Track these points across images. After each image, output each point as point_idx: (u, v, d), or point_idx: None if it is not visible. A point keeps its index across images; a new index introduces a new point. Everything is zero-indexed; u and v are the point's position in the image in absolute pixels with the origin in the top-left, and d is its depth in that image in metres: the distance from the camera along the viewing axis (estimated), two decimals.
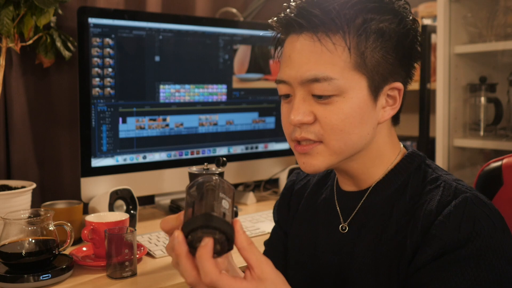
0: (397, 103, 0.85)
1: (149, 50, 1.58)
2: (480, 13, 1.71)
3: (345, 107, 0.80)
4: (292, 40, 0.84)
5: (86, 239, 1.20)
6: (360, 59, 0.79)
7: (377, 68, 0.80)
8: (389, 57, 0.81)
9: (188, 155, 1.70)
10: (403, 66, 0.84)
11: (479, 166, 1.77)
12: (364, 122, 0.82)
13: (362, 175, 0.89)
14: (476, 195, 0.80)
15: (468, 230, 0.75)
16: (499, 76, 1.78)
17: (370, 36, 0.79)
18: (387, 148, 0.88)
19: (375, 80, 0.81)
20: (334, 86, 0.79)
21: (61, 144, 1.68)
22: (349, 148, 0.83)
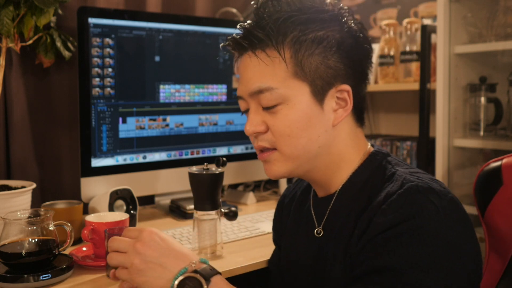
0: (348, 104, 0.87)
1: (149, 50, 1.58)
2: (480, 13, 1.71)
3: (290, 114, 0.86)
4: (241, 60, 0.92)
5: (86, 239, 1.20)
6: (298, 67, 0.85)
7: (317, 73, 0.85)
8: (329, 61, 0.85)
9: (188, 155, 1.70)
10: (351, 68, 0.87)
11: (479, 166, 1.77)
12: (312, 125, 0.86)
13: (329, 181, 0.92)
14: (424, 183, 0.80)
15: (405, 212, 0.76)
16: (499, 76, 1.78)
17: (305, 45, 0.84)
18: (349, 150, 0.91)
19: (317, 85, 0.85)
20: (277, 95, 0.85)
21: (61, 144, 1.68)
22: (302, 152, 0.87)
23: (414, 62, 1.87)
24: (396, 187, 0.81)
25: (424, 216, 0.75)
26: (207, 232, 1.25)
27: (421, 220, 0.75)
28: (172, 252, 0.81)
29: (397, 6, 2.14)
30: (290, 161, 0.88)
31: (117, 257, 0.83)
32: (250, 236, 1.42)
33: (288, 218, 1.07)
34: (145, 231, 0.83)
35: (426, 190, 0.78)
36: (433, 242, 0.74)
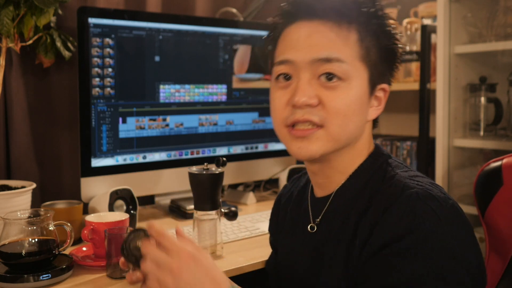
0: (382, 104, 0.88)
1: (149, 50, 1.58)
2: (480, 13, 1.71)
3: (350, 93, 0.83)
4: (300, 26, 0.85)
5: (86, 239, 1.20)
6: (366, 52, 0.84)
7: (376, 65, 0.85)
8: (382, 58, 0.86)
9: (188, 155, 1.70)
10: (391, 72, 0.89)
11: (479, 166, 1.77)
12: (362, 113, 0.85)
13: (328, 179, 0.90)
14: (424, 190, 0.78)
15: (407, 223, 0.75)
16: (499, 76, 1.78)
17: (374, 34, 0.84)
18: (365, 147, 0.91)
19: (374, 76, 0.85)
20: (343, 69, 0.82)
21: (61, 144, 1.68)
22: (346, 136, 0.85)
23: (414, 62, 1.87)
24: (396, 194, 0.79)
25: (427, 227, 0.74)
26: (207, 232, 1.25)
27: (424, 232, 0.74)
28: (206, 280, 0.77)
29: (397, 6, 2.14)
30: (332, 142, 0.84)
31: (153, 269, 0.77)
32: (250, 236, 1.42)
33: (285, 219, 1.05)
34: (184, 252, 0.77)
35: (426, 197, 0.76)
36: (439, 254, 0.73)
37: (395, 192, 0.79)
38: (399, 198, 0.78)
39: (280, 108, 0.87)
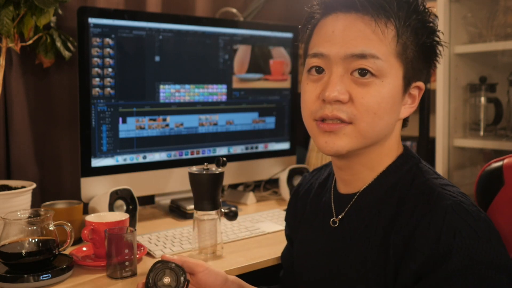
0: (415, 102, 0.87)
1: (149, 50, 1.58)
2: (480, 13, 1.71)
3: (383, 91, 0.81)
4: (336, 18, 0.84)
5: (86, 239, 1.20)
6: (403, 49, 0.82)
7: (413, 61, 0.84)
8: (420, 55, 0.84)
9: (188, 155, 1.70)
10: (428, 71, 0.88)
11: (479, 166, 1.77)
12: (393, 111, 0.84)
13: (359, 174, 0.89)
14: (458, 203, 0.77)
15: (448, 242, 0.73)
16: (499, 76, 1.78)
17: (413, 30, 0.82)
18: (394, 148, 0.89)
19: (409, 73, 0.84)
20: (378, 66, 0.80)
21: (61, 144, 1.68)
22: (375, 134, 0.83)
23: None
24: (430, 205, 0.78)
25: (468, 245, 0.73)
26: (207, 232, 1.25)
27: (467, 251, 0.73)
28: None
29: None
30: (360, 139, 0.83)
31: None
32: (250, 236, 1.42)
33: (305, 210, 1.03)
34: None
35: (461, 212, 0.76)
36: (485, 270, 0.72)
37: (429, 202, 0.78)
38: (434, 211, 0.76)
39: (310, 101, 0.85)
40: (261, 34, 1.80)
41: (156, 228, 1.50)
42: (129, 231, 1.15)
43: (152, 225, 1.54)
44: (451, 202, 0.77)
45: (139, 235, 1.39)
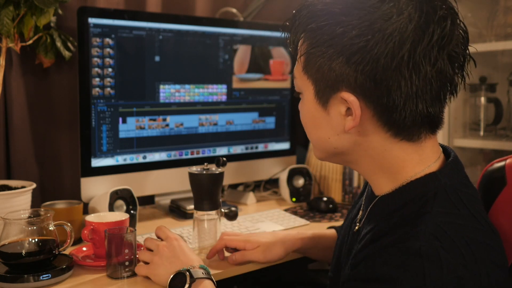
0: (354, 114, 0.77)
1: (149, 50, 1.58)
2: (480, 13, 1.71)
3: (302, 107, 0.86)
4: None
5: (86, 239, 1.20)
6: (307, 63, 0.81)
7: (320, 73, 0.79)
8: (332, 64, 0.76)
9: (188, 155, 1.70)
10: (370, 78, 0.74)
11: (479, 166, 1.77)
12: (318, 125, 0.84)
13: (371, 181, 0.86)
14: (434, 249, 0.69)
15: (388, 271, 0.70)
16: (499, 76, 1.78)
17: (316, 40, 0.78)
18: (387, 161, 0.81)
19: (320, 86, 0.80)
20: (296, 85, 0.86)
21: (61, 144, 1.68)
22: (319, 146, 0.87)
23: None
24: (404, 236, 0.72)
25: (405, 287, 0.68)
26: (207, 232, 1.25)
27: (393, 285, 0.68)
28: (182, 255, 1.04)
29: None
30: (316, 149, 0.89)
31: (145, 254, 1.10)
32: None
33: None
34: (170, 237, 1.09)
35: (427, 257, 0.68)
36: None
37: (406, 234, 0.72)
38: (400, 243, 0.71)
39: None
40: (261, 34, 1.80)
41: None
42: (129, 231, 1.15)
43: (152, 225, 1.54)
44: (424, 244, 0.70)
45: (139, 235, 1.39)
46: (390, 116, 0.76)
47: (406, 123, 0.77)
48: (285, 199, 1.84)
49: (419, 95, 0.75)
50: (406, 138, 0.79)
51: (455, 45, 0.76)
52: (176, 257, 1.04)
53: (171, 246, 1.06)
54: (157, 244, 1.08)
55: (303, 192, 1.83)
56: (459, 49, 0.77)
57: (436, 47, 0.74)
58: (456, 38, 0.76)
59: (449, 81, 0.77)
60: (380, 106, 0.76)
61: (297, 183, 1.84)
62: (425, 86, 0.74)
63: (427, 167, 0.80)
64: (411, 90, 0.74)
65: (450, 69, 0.76)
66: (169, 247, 1.06)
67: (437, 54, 0.74)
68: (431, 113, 0.77)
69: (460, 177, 0.82)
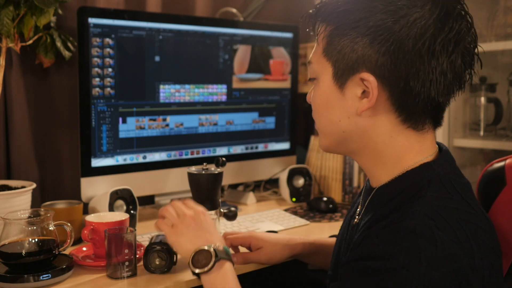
0: (371, 96, 0.80)
1: (149, 50, 1.58)
2: (480, 13, 1.71)
3: (317, 90, 0.88)
4: None
5: (86, 239, 1.20)
6: (328, 45, 0.84)
7: (341, 55, 0.82)
8: (356, 45, 0.80)
9: (188, 155, 1.70)
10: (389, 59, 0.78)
11: (479, 166, 1.77)
12: (330, 108, 0.86)
13: (369, 173, 0.89)
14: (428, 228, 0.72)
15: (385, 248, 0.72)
16: (499, 76, 1.78)
17: (341, 24, 0.82)
18: (388, 149, 0.84)
19: (339, 68, 0.84)
20: (312, 70, 0.89)
21: (61, 144, 1.68)
22: (327, 130, 0.89)
23: None
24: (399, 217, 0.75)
25: (401, 263, 0.70)
26: None
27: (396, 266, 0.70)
28: (208, 232, 1.02)
29: None
30: (323, 136, 0.91)
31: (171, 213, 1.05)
32: None
33: None
34: (197, 210, 1.04)
35: (422, 234, 0.72)
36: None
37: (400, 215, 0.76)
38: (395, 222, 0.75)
39: None
40: (261, 34, 1.80)
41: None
42: (129, 231, 1.15)
43: (152, 225, 1.54)
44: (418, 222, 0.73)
45: (139, 235, 1.39)
46: (404, 100, 0.80)
47: (417, 109, 0.81)
48: (285, 199, 1.84)
49: (434, 84, 0.79)
50: (412, 126, 0.83)
51: (468, 43, 0.81)
52: (202, 232, 1.01)
53: (198, 220, 1.02)
54: (184, 213, 1.03)
55: (303, 192, 1.83)
56: (470, 47, 0.81)
57: (453, 41, 0.78)
58: (470, 36, 0.81)
59: (459, 76, 0.81)
60: (397, 89, 0.80)
61: (297, 183, 1.84)
62: (440, 76, 0.79)
63: (424, 158, 0.84)
64: (427, 77, 0.78)
65: (462, 65, 0.80)
66: (196, 220, 1.02)
67: (454, 47, 0.78)
68: (441, 103, 0.82)
69: (453, 168, 0.85)
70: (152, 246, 1.14)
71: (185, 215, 1.03)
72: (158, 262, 1.14)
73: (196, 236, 1.01)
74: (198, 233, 1.01)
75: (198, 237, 1.00)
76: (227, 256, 0.98)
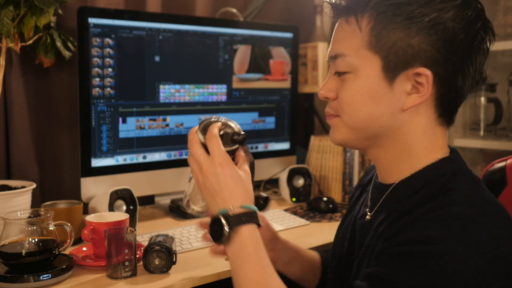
0: (425, 91, 0.81)
1: (149, 50, 1.58)
2: None
3: (355, 84, 0.84)
4: (337, 24, 0.89)
5: (86, 239, 1.20)
6: (375, 38, 0.82)
7: (394, 48, 0.80)
8: (412, 40, 0.79)
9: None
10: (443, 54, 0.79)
11: (479, 166, 1.77)
12: (375, 102, 0.83)
13: (389, 168, 0.88)
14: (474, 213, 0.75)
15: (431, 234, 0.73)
16: (499, 76, 1.78)
17: (388, 16, 0.80)
18: (419, 144, 0.85)
19: (390, 61, 0.81)
20: (347, 63, 0.84)
21: (61, 144, 1.68)
22: (361, 126, 0.85)
23: None
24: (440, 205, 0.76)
25: (447, 248, 0.71)
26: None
27: (442, 250, 0.71)
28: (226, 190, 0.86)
29: None
30: (349, 131, 0.87)
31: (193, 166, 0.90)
32: None
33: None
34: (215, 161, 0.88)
35: (468, 219, 0.73)
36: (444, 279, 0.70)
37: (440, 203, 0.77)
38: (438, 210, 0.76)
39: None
40: (261, 34, 1.80)
41: (156, 228, 1.50)
42: (129, 231, 1.15)
43: (152, 225, 1.54)
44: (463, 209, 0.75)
45: (139, 235, 1.39)
46: (446, 96, 0.82)
47: (454, 105, 0.85)
48: (285, 199, 1.84)
49: (472, 80, 0.83)
50: (442, 123, 0.86)
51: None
52: (219, 191, 0.87)
53: (214, 174, 0.87)
54: (201, 164, 0.89)
55: (303, 192, 1.83)
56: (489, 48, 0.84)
57: (486, 39, 0.82)
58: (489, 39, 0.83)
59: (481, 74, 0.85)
60: (445, 84, 0.81)
61: (297, 183, 1.84)
62: (474, 73, 0.83)
63: (444, 153, 0.86)
64: (469, 73, 0.82)
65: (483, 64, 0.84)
66: (212, 175, 0.87)
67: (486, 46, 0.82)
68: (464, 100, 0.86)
69: (465, 164, 0.88)
70: (151, 246, 1.14)
71: (202, 168, 0.88)
72: (157, 262, 1.14)
73: (211, 196, 0.88)
74: (213, 192, 0.87)
75: (214, 198, 0.87)
76: (245, 219, 0.84)
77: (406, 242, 0.75)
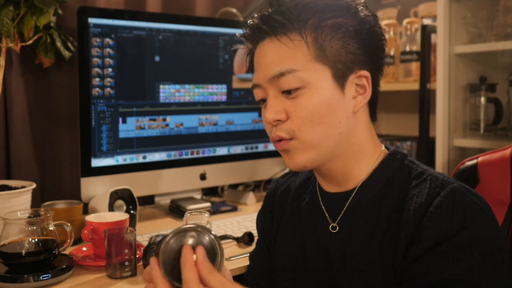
0: (368, 91, 0.88)
1: (149, 50, 1.58)
2: (480, 13, 1.71)
3: (312, 98, 0.84)
4: (258, 48, 0.89)
5: (86, 239, 1.20)
6: (320, 51, 0.84)
7: (338, 57, 0.85)
8: (349, 47, 0.85)
9: (188, 155, 1.70)
10: (368, 55, 0.88)
11: None
12: (333, 110, 0.85)
13: (346, 174, 0.90)
14: (463, 185, 0.83)
15: (460, 218, 0.78)
16: (499, 76, 1.78)
17: (325, 30, 0.84)
18: (368, 144, 0.91)
19: (338, 69, 0.85)
20: (298, 78, 0.84)
21: (61, 144, 1.68)
22: (323, 138, 0.85)
23: (414, 62, 1.87)
24: (437, 188, 0.82)
25: (478, 221, 0.78)
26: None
27: (477, 226, 0.78)
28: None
29: (397, 6, 2.14)
30: (310, 150, 0.85)
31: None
32: None
33: (284, 212, 1.02)
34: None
35: (467, 192, 0.82)
36: (490, 246, 0.78)
37: (436, 186, 0.83)
38: (442, 192, 0.81)
39: (267, 128, 0.91)
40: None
41: (156, 228, 1.50)
42: (129, 231, 1.15)
43: (152, 225, 1.54)
44: (457, 185, 0.82)
45: (139, 235, 1.39)
46: (374, 93, 0.90)
47: (377, 100, 0.93)
48: None
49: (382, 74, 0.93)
50: (373, 119, 0.93)
51: None
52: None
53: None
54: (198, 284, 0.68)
55: None
56: None
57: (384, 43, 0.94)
58: None
59: None
60: (373, 84, 0.89)
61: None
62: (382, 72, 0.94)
63: (383, 148, 0.94)
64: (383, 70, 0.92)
65: None
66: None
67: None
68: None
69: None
70: (151, 246, 1.13)
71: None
72: None
73: None
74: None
75: None
76: None
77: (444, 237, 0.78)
